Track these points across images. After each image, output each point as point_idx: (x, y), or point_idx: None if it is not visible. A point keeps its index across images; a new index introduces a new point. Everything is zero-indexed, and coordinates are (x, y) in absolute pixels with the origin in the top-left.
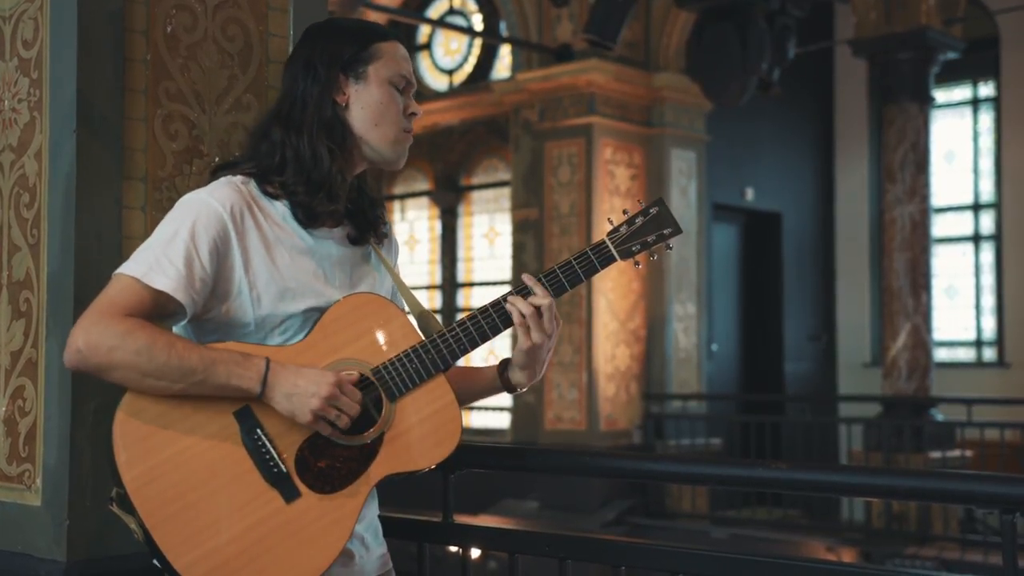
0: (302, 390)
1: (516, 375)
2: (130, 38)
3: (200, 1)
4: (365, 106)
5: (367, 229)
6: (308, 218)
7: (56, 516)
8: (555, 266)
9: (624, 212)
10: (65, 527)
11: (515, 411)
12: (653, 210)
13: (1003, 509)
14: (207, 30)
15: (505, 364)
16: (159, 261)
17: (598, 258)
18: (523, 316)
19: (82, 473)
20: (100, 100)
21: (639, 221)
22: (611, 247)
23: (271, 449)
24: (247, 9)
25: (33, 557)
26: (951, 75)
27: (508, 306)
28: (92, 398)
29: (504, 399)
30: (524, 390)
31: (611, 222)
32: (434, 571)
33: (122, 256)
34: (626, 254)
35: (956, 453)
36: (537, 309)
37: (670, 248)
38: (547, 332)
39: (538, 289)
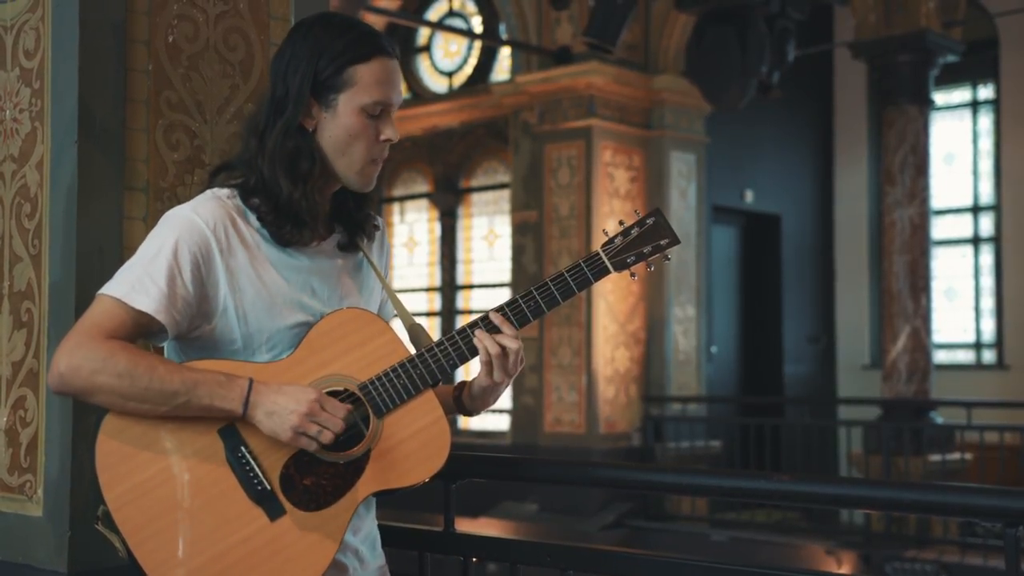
0: (281, 407)
1: (470, 402)
2: (132, 48)
3: (202, 11)
4: (332, 136)
5: (356, 231)
6: (280, 241)
7: (58, 527)
8: (548, 279)
9: (620, 223)
10: (67, 538)
11: (514, 413)
12: (650, 220)
13: (1006, 523)
14: (209, 40)
15: (461, 387)
16: (141, 280)
17: (591, 270)
18: (489, 355)
19: (84, 484)
20: (102, 110)
21: (635, 232)
22: (605, 259)
23: (255, 467)
24: (249, 19)
25: (34, 568)
26: (951, 77)
27: (476, 342)
28: (94, 409)
29: (504, 401)
30: (478, 415)
31: (606, 233)
32: (435, 573)
33: None
34: (621, 266)
35: (956, 456)
36: (503, 349)
37: (668, 259)
38: (510, 374)
39: (507, 329)
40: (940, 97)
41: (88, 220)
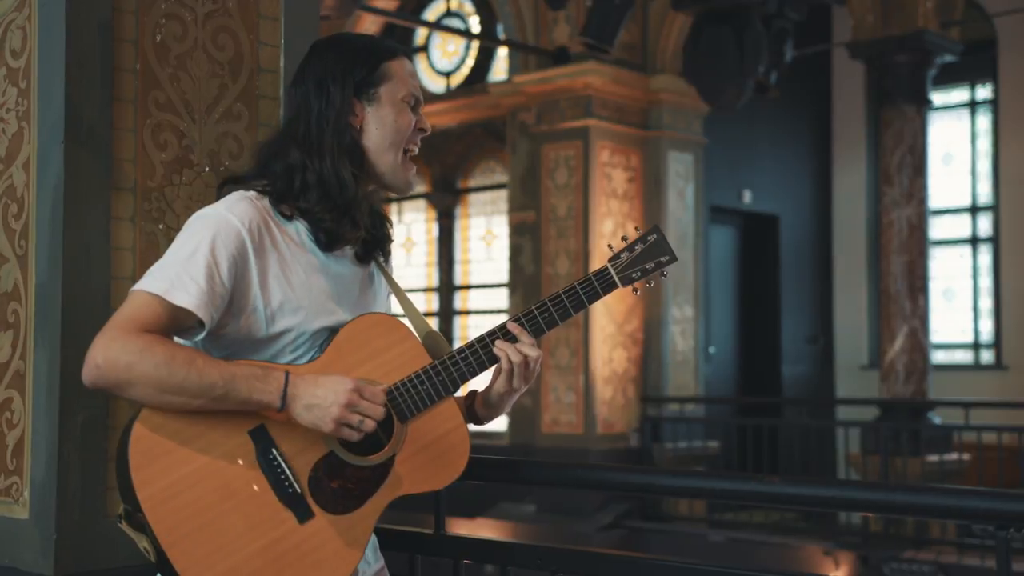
0: (321, 400)
1: (483, 411)
2: (119, 48)
3: (190, 10)
4: (379, 128)
5: (374, 247)
6: (332, 242)
7: (44, 529)
8: (560, 291)
9: (623, 239)
10: (53, 541)
11: (512, 414)
12: (651, 237)
13: (998, 525)
14: (197, 39)
15: (471, 396)
16: (180, 278)
17: (601, 284)
18: (511, 363)
19: (70, 486)
20: (89, 110)
21: (639, 248)
22: (613, 274)
23: (286, 469)
24: (238, 18)
25: (20, 571)
26: (949, 77)
27: (497, 351)
28: (80, 410)
29: None
30: (489, 423)
31: (611, 248)
32: (430, 574)
33: (111, 267)
34: (627, 280)
35: (953, 456)
36: (525, 359)
37: (664, 275)
38: (528, 381)
39: (525, 338)
40: (938, 97)
41: (75, 221)
